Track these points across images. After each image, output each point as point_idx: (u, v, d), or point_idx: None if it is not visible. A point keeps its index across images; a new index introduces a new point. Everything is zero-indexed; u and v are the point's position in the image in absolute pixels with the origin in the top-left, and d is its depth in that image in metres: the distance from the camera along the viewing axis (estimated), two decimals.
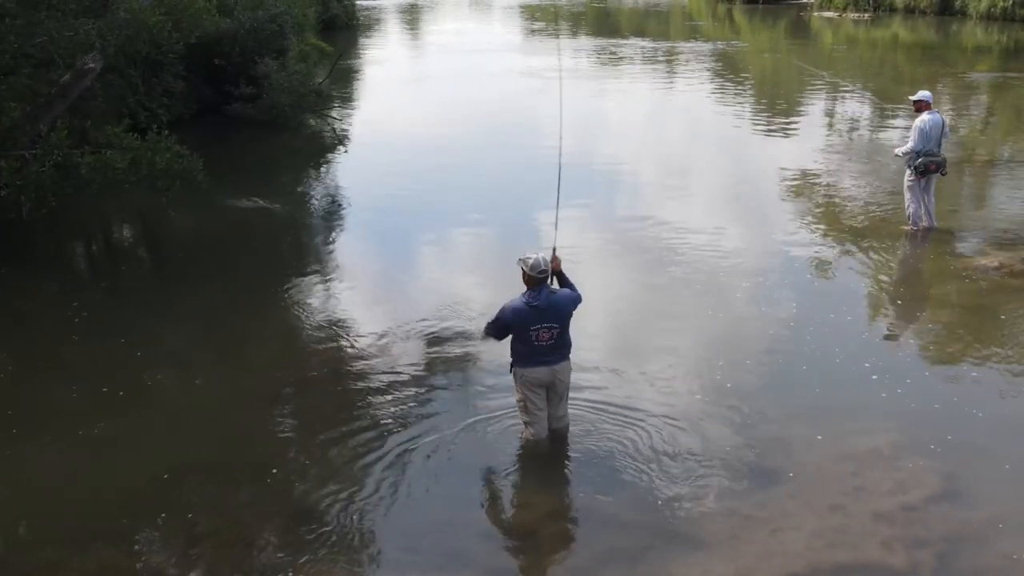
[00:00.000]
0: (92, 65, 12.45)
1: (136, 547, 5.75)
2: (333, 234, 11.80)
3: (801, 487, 6.31)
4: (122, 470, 6.64)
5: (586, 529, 5.94)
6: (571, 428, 6.92)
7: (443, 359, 8.32)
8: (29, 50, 11.09)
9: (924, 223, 11.35)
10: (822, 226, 11.98)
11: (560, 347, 6.66)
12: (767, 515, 6.02)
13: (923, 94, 11.23)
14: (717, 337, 8.70)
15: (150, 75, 17.07)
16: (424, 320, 9.07)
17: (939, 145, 11.12)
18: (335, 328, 9.12)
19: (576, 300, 6.66)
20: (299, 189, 14.63)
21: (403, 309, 9.43)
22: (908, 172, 11.23)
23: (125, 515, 6.09)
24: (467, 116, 20.15)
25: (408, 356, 8.38)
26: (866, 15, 40.95)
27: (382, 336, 8.78)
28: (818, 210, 12.77)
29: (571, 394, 6.92)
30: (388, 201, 13.61)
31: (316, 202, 13.82)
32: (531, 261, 6.55)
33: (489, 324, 6.73)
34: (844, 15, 41.53)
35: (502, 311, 6.63)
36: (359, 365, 8.28)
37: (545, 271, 6.53)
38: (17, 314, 9.55)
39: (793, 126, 19.10)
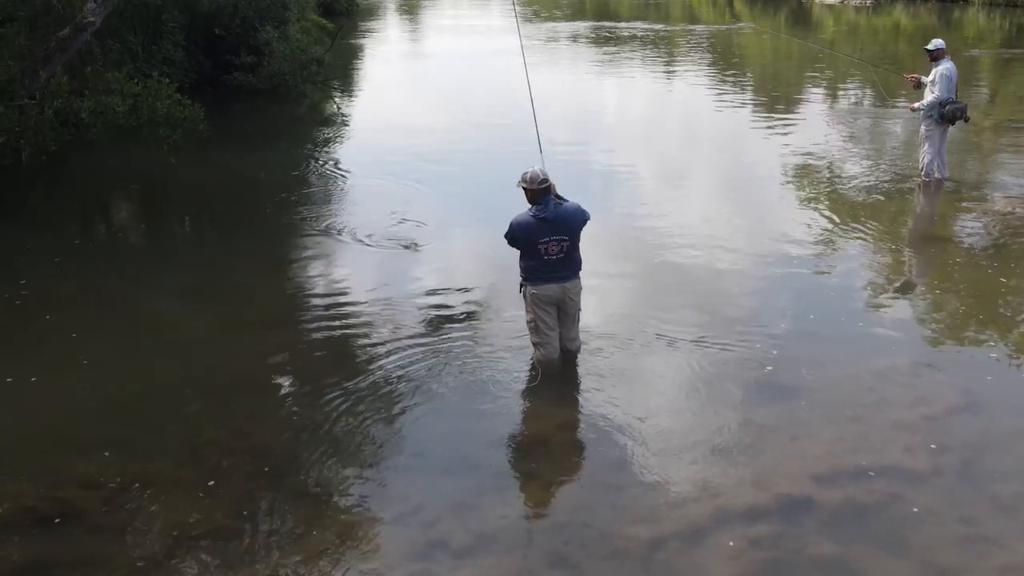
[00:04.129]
0: (92, 19, 12.27)
1: (137, 452, 5.60)
2: (333, 199, 11.61)
3: (818, 401, 6.17)
4: (120, 386, 6.47)
5: (599, 438, 5.77)
6: (583, 349, 6.77)
7: (450, 290, 8.15)
8: None
9: (936, 175, 11.20)
10: (839, 178, 11.87)
11: (570, 263, 6.50)
12: (785, 424, 5.88)
13: (938, 42, 11.06)
14: (734, 271, 8.59)
15: (150, 43, 16.92)
16: (430, 267, 8.93)
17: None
18: (341, 261, 8.99)
19: (585, 213, 6.49)
20: (301, 157, 14.35)
21: (407, 259, 9.26)
22: (926, 123, 11.06)
23: (125, 425, 5.94)
24: (463, 96, 19.94)
25: (415, 288, 8.25)
26: (868, 2, 40.80)
27: (388, 269, 8.65)
28: (833, 165, 12.63)
29: (583, 317, 6.77)
30: (388, 169, 13.26)
31: (319, 169, 13.54)
32: (528, 175, 6.36)
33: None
34: (846, 2, 41.39)
35: (509, 227, 6.46)
36: (366, 294, 8.12)
37: (546, 180, 6.35)
38: (22, 254, 9.38)
39: (796, 107, 18.97)
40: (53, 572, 4.64)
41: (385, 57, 26.54)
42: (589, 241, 6.67)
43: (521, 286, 6.60)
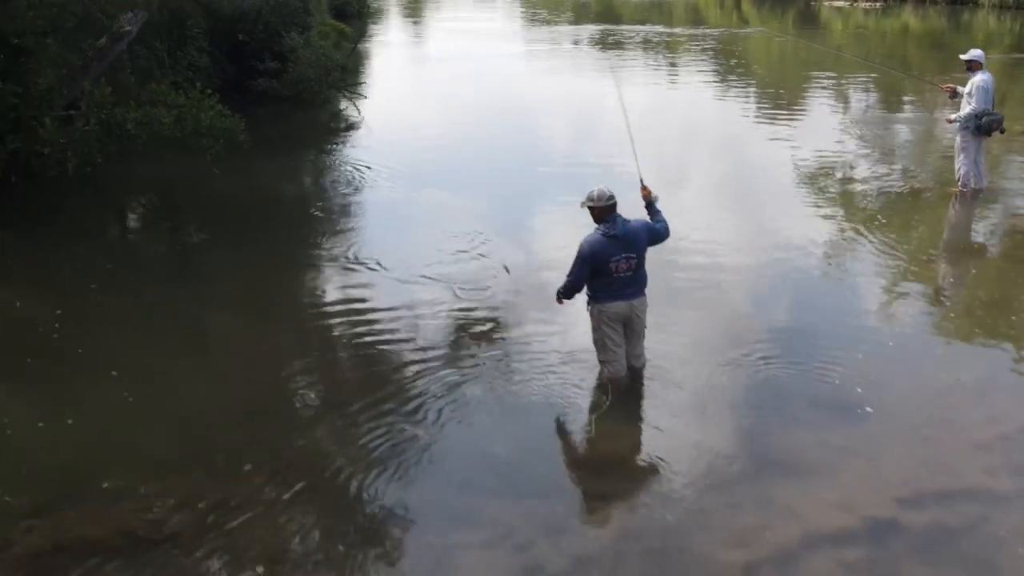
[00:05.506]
0: (129, 28, 12.32)
1: (222, 473, 5.63)
2: (362, 208, 11.62)
3: (888, 420, 6.20)
4: (185, 407, 6.49)
5: (678, 458, 5.77)
6: (648, 367, 6.79)
7: (502, 306, 8.17)
8: (74, 9, 10.91)
9: (973, 184, 11.24)
10: (878, 189, 11.92)
11: (637, 280, 6.53)
12: (859, 445, 5.91)
13: (976, 53, 11.08)
14: (782, 289, 8.65)
15: (175, 49, 16.93)
16: (480, 280, 8.93)
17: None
18: (389, 278, 8.99)
19: (653, 231, 6.52)
20: (333, 165, 14.40)
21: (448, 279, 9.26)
22: (962, 134, 11.07)
23: (203, 446, 5.97)
24: (483, 99, 19.99)
25: (464, 304, 8.24)
26: (877, 4, 40.85)
27: (443, 287, 8.67)
28: (870, 176, 12.67)
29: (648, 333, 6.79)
30: (416, 176, 13.21)
31: (346, 176, 13.52)
32: (595, 192, 6.41)
33: (567, 279, 6.54)
34: (855, 4, 41.44)
35: (579, 249, 6.46)
36: (416, 311, 8.11)
37: (612, 197, 6.40)
38: (74, 265, 9.41)
39: (816, 111, 19.01)
40: None
41: (398, 61, 26.58)
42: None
43: (588, 303, 6.63)
